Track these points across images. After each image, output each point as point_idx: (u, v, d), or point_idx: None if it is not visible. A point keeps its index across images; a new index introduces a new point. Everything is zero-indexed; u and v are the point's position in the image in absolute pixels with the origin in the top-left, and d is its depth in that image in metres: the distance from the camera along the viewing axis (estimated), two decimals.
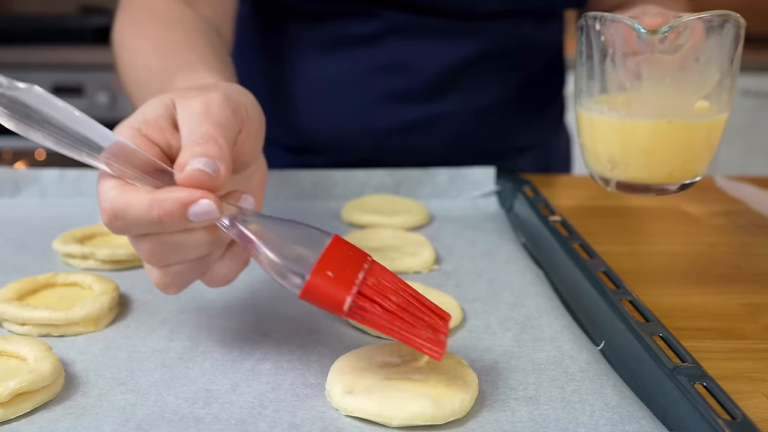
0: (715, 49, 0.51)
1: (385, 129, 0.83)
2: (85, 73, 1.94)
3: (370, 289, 0.38)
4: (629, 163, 0.53)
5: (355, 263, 0.39)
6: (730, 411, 0.36)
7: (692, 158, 0.53)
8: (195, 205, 0.36)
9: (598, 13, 0.51)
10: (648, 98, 0.52)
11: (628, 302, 0.48)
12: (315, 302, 0.38)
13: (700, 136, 0.52)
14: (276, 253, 0.38)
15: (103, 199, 0.38)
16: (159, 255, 0.39)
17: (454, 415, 0.38)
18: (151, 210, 0.36)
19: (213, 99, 0.41)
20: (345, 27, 0.80)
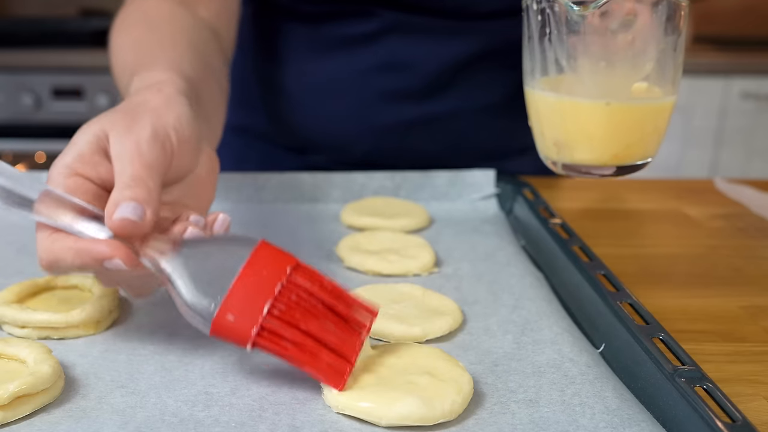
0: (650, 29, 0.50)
1: (385, 128, 0.83)
2: (85, 76, 1.94)
3: (276, 320, 0.39)
4: (573, 146, 0.52)
5: (266, 288, 0.40)
6: (731, 414, 0.36)
7: (636, 141, 0.52)
8: (108, 261, 0.40)
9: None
10: (586, 80, 0.51)
11: (628, 305, 0.48)
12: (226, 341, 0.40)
13: (642, 119, 0.52)
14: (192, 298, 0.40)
15: (40, 249, 0.42)
16: (104, 280, 0.44)
17: (444, 416, 0.38)
18: (75, 260, 0.41)
19: (142, 136, 0.43)
20: (343, 27, 0.80)
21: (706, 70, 2.05)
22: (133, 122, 0.44)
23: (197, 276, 0.40)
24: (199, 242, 0.42)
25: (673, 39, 0.50)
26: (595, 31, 0.50)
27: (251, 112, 0.89)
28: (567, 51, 0.51)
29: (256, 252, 0.41)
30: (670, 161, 2.10)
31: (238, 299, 0.39)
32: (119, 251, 0.40)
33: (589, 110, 0.51)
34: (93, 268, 0.41)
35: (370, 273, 0.58)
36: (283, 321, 0.39)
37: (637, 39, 0.50)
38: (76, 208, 0.42)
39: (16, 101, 1.96)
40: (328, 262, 0.60)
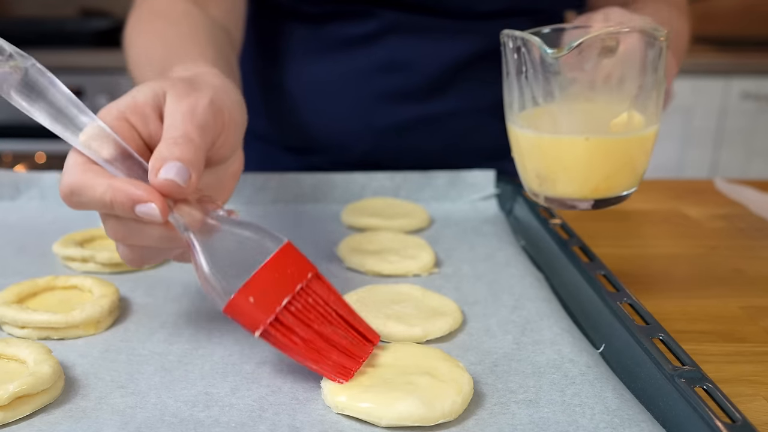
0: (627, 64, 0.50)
1: (384, 128, 0.83)
2: (86, 77, 1.94)
3: (291, 316, 0.40)
4: (554, 179, 0.52)
5: (287, 284, 0.40)
6: (730, 414, 0.36)
7: (617, 173, 0.52)
8: (142, 204, 0.39)
9: (513, 32, 0.51)
10: (564, 115, 0.51)
11: (627, 305, 0.48)
12: (233, 319, 0.40)
13: (622, 152, 0.51)
14: (209, 267, 0.40)
15: (65, 173, 0.40)
16: (120, 234, 0.42)
17: (444, 417, 0.38)
18: (105, 194, 0.39)
19: (200, 101, 0.43)
20: (343, 28, 0.80)
21: (706, 71, 2.04)
22: (192, 89, 0.44)
23: (222, 252, 0.40)
24: (230, 222, 0.42)
25: (651, 71, 0.50)
26: (571, 69, 0.49)
27: (251, 113, 0.89)
28: (544, 89, 0.51)
29: (283, 249, 0.41)
30: (670, 161, 2.10)
31: (260, 285, 0.40)
32: (156, 197, 0.39)
33: (569, 145, 0.51)
34: (119, 209, 0.39)
35: (370, 273, 0.58)
36: (297, 318, 0.40)
37: (615, 75, 0.50)
38: (120, 150, 0.41)
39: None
40: (328, 263, 0.60)
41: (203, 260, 0.40)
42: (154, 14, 0.67)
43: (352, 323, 0.42)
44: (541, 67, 0.50)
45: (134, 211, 0.39)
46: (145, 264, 0.45)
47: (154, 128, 0.43)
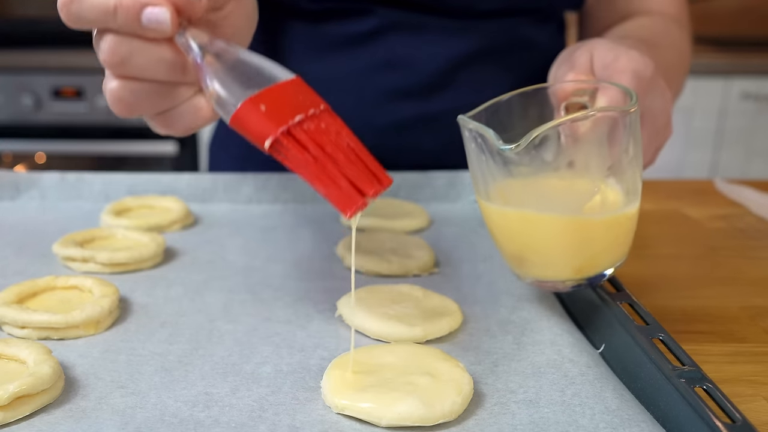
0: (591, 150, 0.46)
1: (384, 126, 0.83)
2: (85, 77, 1.94)
3: (303, 133, 0.38)
4: (531, 260, 0.49)
5: (299, 106, 0.39)
6: (730, 414, 0.36)
7: (599, 253, 0.48)
8: (151, 8, 0.36)
9: (468, 122, 0.47)
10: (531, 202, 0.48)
11: (627, 305, 0.48)
12: (243, 132, 0.38)
13: (597, 234, 0.47)
14: (219, 82, 0.38)
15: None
16: (117, 55, 0.38)
17: (444, 417, 0.38)
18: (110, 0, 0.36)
19: None
20: (342, 26, 0.80)
21: (706, 71, 2.05)
22: None
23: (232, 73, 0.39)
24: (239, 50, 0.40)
25: (621, 151, 0.46)
26: (532, 159, 0.45)
27: None
28: (506, 177, 0.47)
29: (295, 80, 0.40)
30: (670, 162, 2.10)
31: (272, 98, 0.38)
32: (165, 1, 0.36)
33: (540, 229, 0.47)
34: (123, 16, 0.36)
35: (370, 273, 0.58)
36: (309, 137, 0.38)
37: (579, 160, 0.46)
38: None
39: (16, 101, 1.96)
40: (328, 262, 0.60)
41: (213, 77, 0.38)
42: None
43: (364, 160, 0.40)
44: (500, 158, 0.46)
45: (140, 18, 0.36)
46: (134, 112, 0.40)
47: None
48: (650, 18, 0.79)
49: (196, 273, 0.57)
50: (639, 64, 0.51)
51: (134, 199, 0.70)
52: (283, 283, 0.56)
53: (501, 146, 0.44)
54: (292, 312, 0.51)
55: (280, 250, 0.62)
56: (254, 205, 0.74)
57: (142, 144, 1.99)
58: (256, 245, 0.63)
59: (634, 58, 0.52)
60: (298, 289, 0.55)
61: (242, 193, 0.74)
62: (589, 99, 0.50)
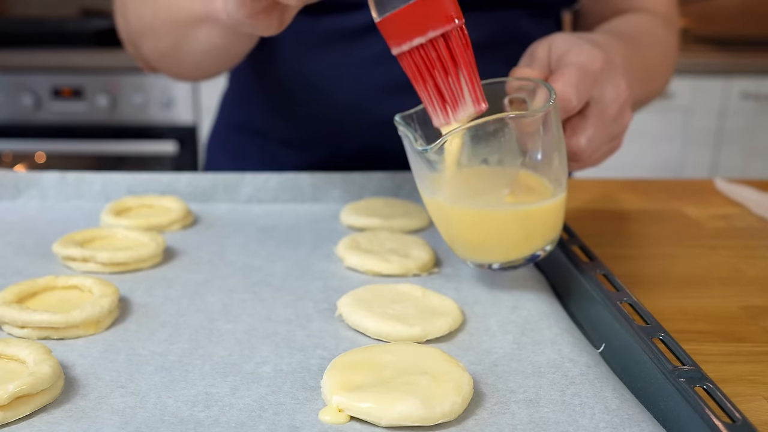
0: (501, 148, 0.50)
1: (381, 121, 0.83)
2: (86, 76, 1.94)
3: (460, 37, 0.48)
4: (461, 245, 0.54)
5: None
6: (730, 414, 0.36)
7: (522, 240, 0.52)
8: None
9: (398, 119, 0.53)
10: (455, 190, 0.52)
11: (628, 305, 0.48)
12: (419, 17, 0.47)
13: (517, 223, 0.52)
14: None
15: None
16: None
17: (444, 417, 0.38)
18: None
19: None
20: (338, 20, 0.80)
21: (705, 71, 2.05)
22: None
23: None
24: None
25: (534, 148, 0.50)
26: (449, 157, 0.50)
27: (249, 109, 0.89)
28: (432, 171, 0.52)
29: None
30: (669, 161, 2.11)
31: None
32: None
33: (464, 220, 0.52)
34: None
35: (369, 273, 0.58)
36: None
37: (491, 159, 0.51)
38: None
39: (16, 101, 1.96)
40: (328, 262, 0.60)
41: None
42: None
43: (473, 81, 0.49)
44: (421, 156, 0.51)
45: None
46: None
47: None
48: (638, 16, 0.79)
49: (196, 273, 0.58)
50: (585, 57, 0.54)
51: (134, 198, 0.70)
52: (283, 283, 0.56)
53: (419, 147, 0.50)
54: (292, 312, 0.51)
55: (280, 250, 0.62)
56: (254, 204, 0.74)
57: (142, 144, 1.99)
58: (256, 245, 0.63)
59: (583, 51, 0.54)
60: (298, 289, 0.55)
61: (242, 193, 0.74)
62: (528, 95, 0.54)
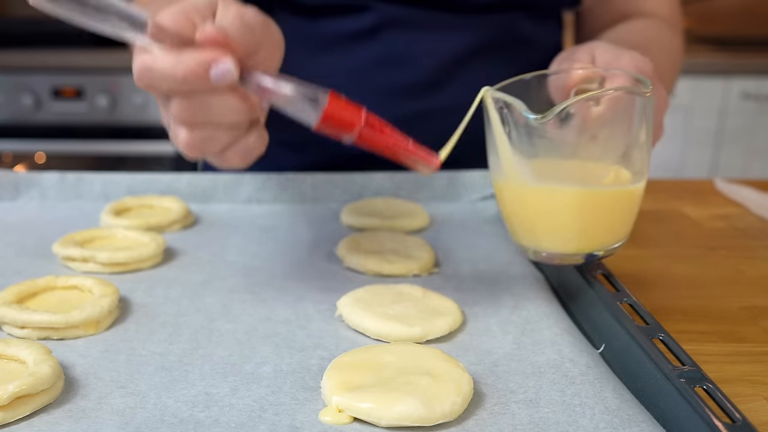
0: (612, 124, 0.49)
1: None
2: (85, 77, 1.94)
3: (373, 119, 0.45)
4: (539, 236, 0.51)
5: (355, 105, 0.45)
6: (730, 414, 0.36)
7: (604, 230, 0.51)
8: (216, 64, 0.40)
9: (495, 93, 0.50)
10: (550, 172, 0.50)
11: (627, 305, 0.48)
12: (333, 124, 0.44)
13: (609, 209, 0.50)
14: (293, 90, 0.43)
15: (136, 64, 0.41)
16: (187, 112, 0.42)
17: (444, 417, 0.38)
18: (176, 67, 0.40)
19: (249, 9, 0.45)
20: (340, 22, 0.80)
21: (706, 71, 2.05)
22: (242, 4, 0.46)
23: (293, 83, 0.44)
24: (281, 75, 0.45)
25: (637, 127, 0.49)
26: (555, 131, 0.49)
27: None
28: (528, 148, 0.50)
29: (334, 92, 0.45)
30: (670, 161, 2.10)
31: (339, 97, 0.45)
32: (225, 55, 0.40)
33: (556, 203, 0.50)
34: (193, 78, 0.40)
35: (370, 273, 0.58)
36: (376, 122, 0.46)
37: (600, 135, 0.50)
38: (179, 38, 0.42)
39: (16, 101, 1.96)
40: (328, 262, 0.60)
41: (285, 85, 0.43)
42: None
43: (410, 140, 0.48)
44: (525, 129, 0.49)
45: (209, 75, 0.40)
46: (204, 152, 0.45)
47: None
48: (643, 21, 0.79)
49: (196, 273, 0.57)
50: (640, 63, 0.53)
51: (134, 199, 0.70)
52: (283, 283, 0.56)
53: (529, 115, 0.47)
54: (292, 312, 0.51)
55: (280, 250, 0.62)
56: (254, 205, 0.74)
57: (142, 144, 1.99)
58: (256, 245, 0.63)
59: (635, 57, 0.53)
60: (298, 289, 0.55)
61: (242, 193, 0.74)
62: (597, 87, 0.52)
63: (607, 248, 0.51)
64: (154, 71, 0.40)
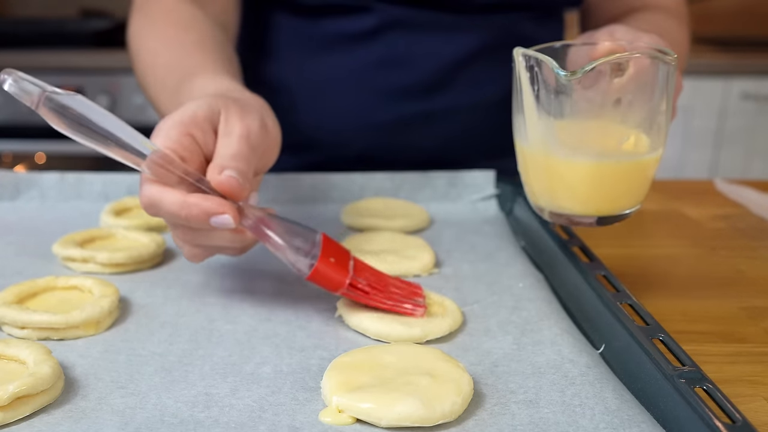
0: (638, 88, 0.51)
1: (384, 124, 0.83)
2: (86, 77, 1.94)
3: (359, 273, 0.49)
4: (559, 196, 0.53)
5: (344, 254, 0.50)
6: (730, 414, 0.36)
7: (623, 193, 0.53)
8: (217, 216, 0.44)
9: (527, 51, 0.51)
10: (572, 136, 0.52)
11: (628, 306, 0.48)
12: (320, 282, 0.48)
13: (628, 174, 0.52)
14: (287, 243, 0.47)
15: (144, 191, 0.45)
16: (189, 238, 0.47)
17: (444, 417, 0.38)
18: (180, 210, 0.44)
19: (253, 125, 0.49)
20: (341, 23, 0.80)
21: (706, 71, 2.04)
22: (245, 111, 0.50)
23: (285, 235, 0.48)
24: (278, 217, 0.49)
25: (660, 94, 0.51)
26: (583, 91, 0.50)
27: None
28: (554, 108, 0.51)
29: (324, 235, 0.50)
30: (670, 162, 2.10)
31: (331, 251, 0.48)
32: (228, 208, 0.44)
33: (576, 165, 0.51)
34: (195, 222, 0.44)
35: None
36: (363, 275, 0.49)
37: (625, 98, 0.51)
38: (184, 170, 0.45)
39: (16, 101, 1.95)
40: None
41: (278, 238, 0.47)
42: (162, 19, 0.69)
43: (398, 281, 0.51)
44: (553, 88, 0.51)
45: (209, 222, 0.44)
46: (204, 259, 0.50)
47: (210, 140, 0.48)
48: (651, 13, 0.79)
49: (196, 273, 0.57)
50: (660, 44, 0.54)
51: (134, 199, 0.70)
52: (282, 284, 0.56)
53: (560, 71, 0.49)
54: (292, 312, 0.51)
55: None
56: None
57: None
58: (256, 246, 0.63)
59: (654, 38, 0.55)
60: (298, 290, 0.55)
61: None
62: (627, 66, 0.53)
63: (621, 212, 0.54)
64: (161, 209, 0.45)
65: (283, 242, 0.47)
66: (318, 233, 0.49)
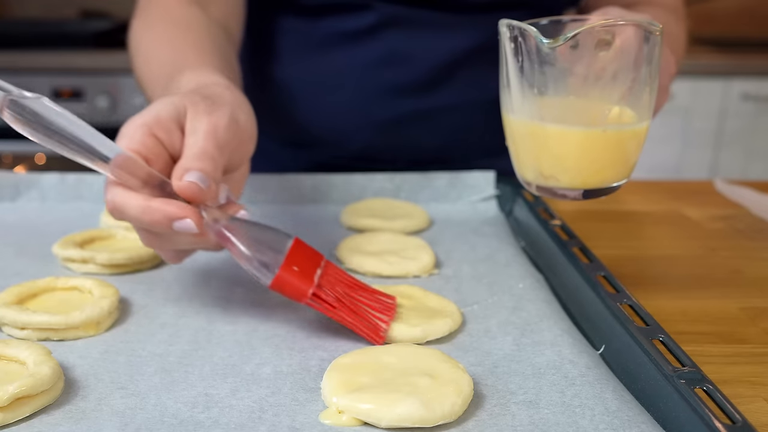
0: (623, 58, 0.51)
1: (383, 123, 0.83)
2: (86, 78, 1.94)
3: (326, 283, 0.47)
4: (545, 169, 0.53)
5: (313, 261, 0.48)
6: (730, 415, 0.36)
7: (609, 165, 0.53)
8: (179, 221, 0.44)
9: (511, 21, 0.52)
10: (558, 107, 0.52)
11: (627, 306, 0.48)
12: (282, 292, 0.46)
13: (615, 145, 0.52)
14: (250, 251, 0.46)
15: (108, 195, 0.45)
16: (152, 242, 0.47)
17: (444, 418, 0.38)
18: (143, 215, 0.44)
19: (221, 121, 0.48)
20: (340, 22, 0.80)
21: (705, 72, 2.05)
22: (213, 107, 0.48)
23: (251, 241, 0.46)
24: (246, 221, 0.47)
25: (646, 66, 0.51)
26: (566, 60, 0.50)
27: None
28: (538, 79, 0.51)
29: (297, 240, 0.48)
30: (669, 162, 2.10)
31: (296, 258, 0.47)
32: (190, 213, 0.44)
33: (562, 137, 0.51)
34: (158, 227, 0.44)
35: (369, 274, 0.58)
36: (331, 285, 0.47)
37: (609, 68, 0.51)
38: (146, 172, 0.44)
39: None
40: None
41: (241, 246, 0.46)
42: (162, 19, 0.69)
43: (370, 290, 0.49)
44: (537, 58, 0.51)
45: (172, 227, 0.44)
46: (182, 259, 0.50)
47: (177, 140, 0.47)
48: (650, 10, 0.79)
49: (196, 274, 0.57)
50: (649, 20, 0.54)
51: None
52: None
53: (541, 39, 0.49)
54: (292, 312, 0.51)
55: None
56: (253, 205, 0.73)
57: None
58: None
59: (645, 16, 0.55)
60: None
61: (241, 194, 0.74)
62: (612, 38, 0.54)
63: (608, 185, 0.54)
64: (125, 213, 0.44)
65: (245, 249, 0.46)
66: (290, 239, 0.48)
